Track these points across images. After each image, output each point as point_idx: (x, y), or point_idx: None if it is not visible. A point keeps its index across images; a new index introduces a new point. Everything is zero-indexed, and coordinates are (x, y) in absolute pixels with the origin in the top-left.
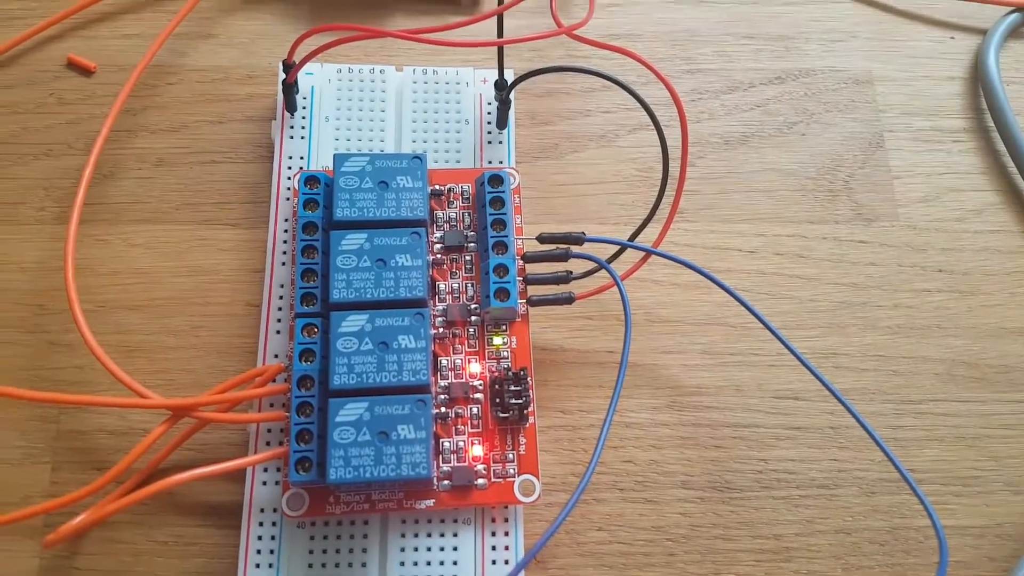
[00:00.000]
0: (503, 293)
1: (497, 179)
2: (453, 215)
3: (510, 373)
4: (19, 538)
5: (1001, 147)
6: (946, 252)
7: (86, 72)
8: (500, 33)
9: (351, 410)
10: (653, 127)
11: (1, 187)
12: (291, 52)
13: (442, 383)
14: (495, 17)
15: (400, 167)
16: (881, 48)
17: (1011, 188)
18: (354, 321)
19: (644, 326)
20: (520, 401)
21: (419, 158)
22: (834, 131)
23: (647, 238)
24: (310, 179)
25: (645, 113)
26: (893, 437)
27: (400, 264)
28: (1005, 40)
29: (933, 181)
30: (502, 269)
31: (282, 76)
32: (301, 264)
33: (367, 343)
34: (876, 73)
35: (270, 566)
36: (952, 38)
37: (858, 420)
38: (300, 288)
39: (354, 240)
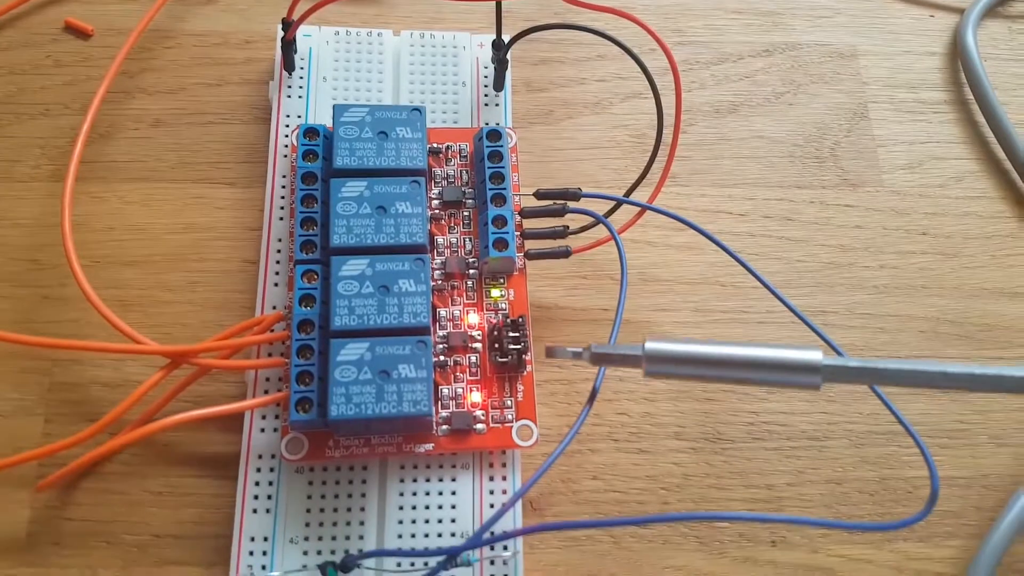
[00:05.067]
0: (501, 243)
1: (495, 134)
2: (451, 172)
3: (508, 320)
4: (10, 488)
5: (980, 118)
6: (929, 216)
7: (83, 35)
8: None
9: (352, 350)
10: (645, 95)
11: None
12: (291, 10)
13: (440, 333)
14: None
15: (400, 118)
16: (864, 24)
17: (990, 157)
18: (355, 265)
19: (638, 285)
20: (519, 347)
21: (418, 110)
22: (820, 101)
23: (639, 200)
24: (309, 131)
25: (638, 82)
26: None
27: (400, 211)
28: (982, 19)
29: (915, 149)
30: (500, 220)
31: (281, 34)
32: (300, 212)
33: (368, 286)
34: (860, 48)
35: (267, 511)
36: (932, 16)
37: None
38: (300, 236)
39: (354, 187)
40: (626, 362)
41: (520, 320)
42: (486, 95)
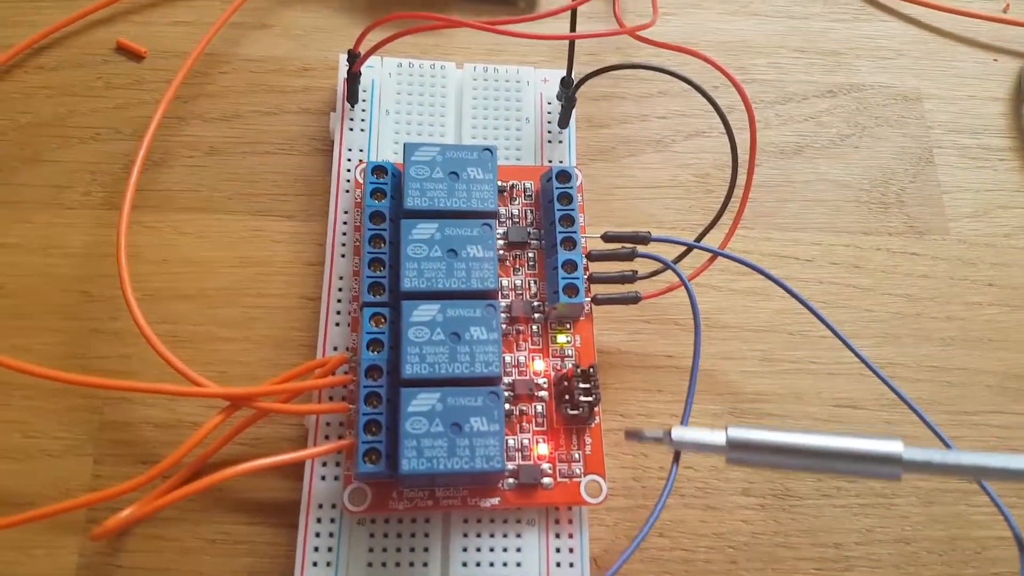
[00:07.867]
0: (571, 289)
1: (565, 175)
2: (516, 211)
3: (579, 370)
4: (59, 533)
5: None
6: (996, 267)
7: (136, 57)
8: (573, 27)
9: (423, 400)
10: (708, 134)
11: (46, 170)
12: (358, 42)
13: (506, 380)
14: (558, 16)
15: (471, 159)
16: (928, 67)
17: None
18: (426, 311)
19: (703, 331)
20: (590, 399)
21: (489, 150)
22: (885, 145)
23: (708, 243)
24: (377, 169)
25: (701, 120)
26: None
27: (471, 255)
28: None
29: (981, 197)
30: (570, 265)
31: (345, 66)
32: (368, 253)
33: (439, 333)
34: (924, 91)
35: (328, 564)
36: (996, 60)
37: (938, 436)
38: (367, 277)
39: (425, 229)
40: (708, 450)
41: (591, 370)
42: (550, 131)
